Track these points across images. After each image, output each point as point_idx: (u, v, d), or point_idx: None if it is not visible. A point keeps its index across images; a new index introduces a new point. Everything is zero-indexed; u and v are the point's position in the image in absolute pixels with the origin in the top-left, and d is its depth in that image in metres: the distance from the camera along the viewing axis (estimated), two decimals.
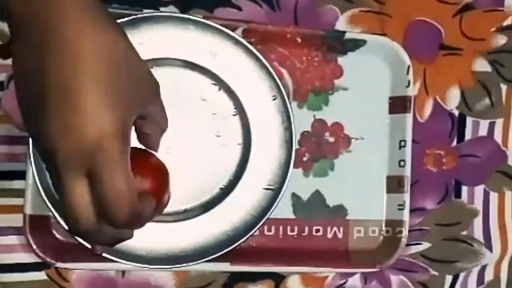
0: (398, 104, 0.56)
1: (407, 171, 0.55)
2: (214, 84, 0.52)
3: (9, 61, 0.50)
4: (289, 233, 0.54)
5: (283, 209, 0.53)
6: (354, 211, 0.55)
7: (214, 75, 0.51)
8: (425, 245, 0.57)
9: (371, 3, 0.56)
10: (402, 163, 0.55)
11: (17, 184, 0.50)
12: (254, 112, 0.52)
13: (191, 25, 0.51)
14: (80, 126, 0.33)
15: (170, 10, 0.53)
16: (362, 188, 0.55)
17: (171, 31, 0.51)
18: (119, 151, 0.33)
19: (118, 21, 0.49)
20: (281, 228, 0.54)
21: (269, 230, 0.53)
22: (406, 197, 0.54)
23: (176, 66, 0.51)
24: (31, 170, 0.48)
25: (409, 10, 0.57)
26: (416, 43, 0.57)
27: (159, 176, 0.46)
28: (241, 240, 0.49)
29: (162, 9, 0.52)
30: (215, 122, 0.52)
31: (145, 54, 0.49)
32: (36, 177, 0.48)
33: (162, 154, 0.49)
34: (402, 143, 0.55)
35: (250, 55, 0.51)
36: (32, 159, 0.48)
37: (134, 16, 0.50)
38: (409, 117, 0.55)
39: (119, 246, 0.48)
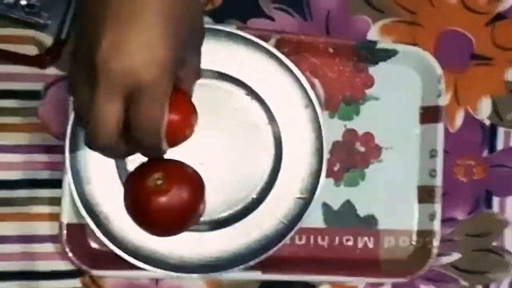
0: (429, 114, 0.56)
1: (438, 181, 0.54)
2: (246, 94, 0.52)
3: (46, 71, 0.52)
4: (320, 242, 0.54)
5: (314, 219, 0.53)
6: (385, 221, 0.55)
7: (246, 86, 0.52)
8: (456, 256, 0.57)
9: (403, 13, 0.56)
10: (433, 173, 0.55)
11: (53, 192, 0.51)
12: (286, 122, 0.52)
13: (223, 37, 0.51)
14: (135, 47, 0.33)
15: (205, 20, 0.53)
16: (393, 198, 0.55)
17: (204, 43, 0.52)
18: (164, 84, 0.34)
19: None
20: (312, 237, 0.54)
21: (300, 239, 0.54)
22: (438, 207, 0.54)
23: (209, 77, 0.52)
24: (68, 179, 0.49)
25: (441, 19, 0.57)
26: (448, 53, 0.57)
27: (195, 186, 0.47)
28: (274, 249, 0.50)
29: None
30: (247, 132, 0.52)
31: None
32: (72, 186, 0.49)
33: (196, 164, 0.50)
34: (433, 153, 0.55)
35: (281, 65, 0.52)
36: (68, 168, 0.49)
37: None
38: (440, 127, 0.55)
39: (153, 254, 0.50)
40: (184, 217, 0.47)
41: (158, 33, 0.33)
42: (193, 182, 0.47)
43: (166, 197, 0.46)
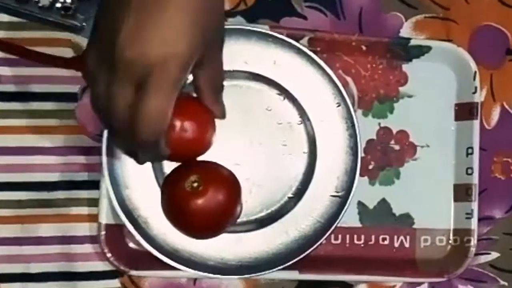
0: (464, 111, 0.55)
1: (475, 179, 0.54)
2: (278, 94, 0.52)
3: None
4: (355, 241, 0.54)
5: (349, 218, 0.53)
6: (421, 219, 0.55)
7: (278, 85, 0.52)
8: (494, 255, 0.56)
9: (436, 9, 0.56)
10: (469, 171, 0.54)
11: (92, 194, 0.51)
12: (319, 120, 0.52)
13: (254, 37, 0.51)
14: (153, 36, 0.33)
15: (238, 20, 0.53)
16: (429, 197, 0.55)
17: (235, 43, 0.52)
18: (175, 77, 0.34)
19: None
20: (347, 236, 0.53)
21: (336, 239, 0.53)
22: (474, 205, 0.53)
23: (241, 78, 0.52)
24: (105, 180, 0.49)
25: (475, 15, 0.56)
26: (482, 49, 0.56)
27: (232, 187, 0.47)
28: (312, 248, 0.50)
29: (229, 20, 0.53)
30: (280, 132, 0.52)
31: None
32: (110, 187, 0.50)
33: (230, 165, 0.50)
34: (469, 151, 0.54)
35: (313, 63, 0.51)
36: (106, 171, 0.49)
37: None
38: (476, 123, 0.54)
39: (192, 256, 0.50)
40: (221, 219, 0.47)
41: (178, 27, 0.34)
42: (229, 183, 0.47)
43: (203, 200, 0.46)
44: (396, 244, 0.54)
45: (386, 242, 0.54)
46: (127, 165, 0.50)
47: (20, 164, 0.51)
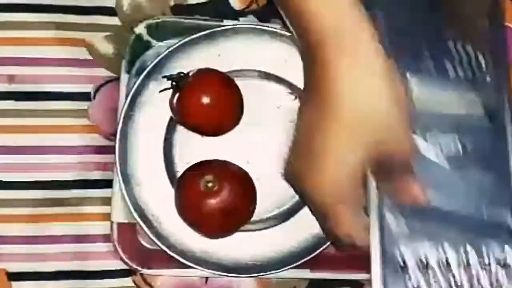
0: None
1: None
2: (290, 92, 0.52)
3: (95, 73, 0.53)
4: None
5: None
6: None
7: (289, 84, 0.52)
8: None
9: None
10: None
11: (105, 192, 0.51)
12: None
13: (266, 36, 0.52)
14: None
15: (250, 19, 0.54)
16: None
17: (247, 42, 0.52)
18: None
19: (198, 34, 0.51)
20: None
21: None
22: None
23: (252, 77, 0.52)
24: (118, 179, 0.50)
25: None
26: None
27: (246, 187, 0.48)
28: (323, 246, 0.50)
29: (241, 19, 0.53)
30: (292, 130, 0.53)
31: (223, 66, 0.51)
32: (123, 186, 0.50)
33: (242, 163, 0.51)
34: None
35: None
36: (118, 168, 0.50)
37: (211, 30, 0.51)
38: None
39: (204, 255, 0.50)
40: (235, 218, 0.47)
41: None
42: (243, 182, 0.48)
43: (218, 199, 0.46)
44: None
45: None
46: (139, 162, 0.51)
47: (33, 163, 0.51)
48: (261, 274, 0.50)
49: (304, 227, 0.51)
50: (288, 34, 0.51)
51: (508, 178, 0.46)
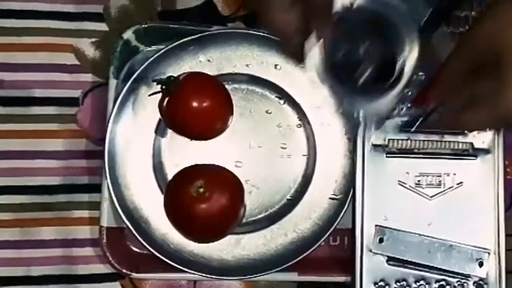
0: None
1: None
2: (278, 97, 0.53)
3: (83, 78, 0.53)
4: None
5: (347, 220, 0.53)
6: None
7: (279, 89, 0.52)
8: None
9: None
10: None
11: (93, 197, 0.51)
12: (319, 124, 0.52)
13: (255, 41, 0.52)
14: None
15: (237, 25, 0.54)
16: None
17: (235, 47, 0.52)
18: None
19: (186, 39, 0.52)
20: (346, 238, 0.53)
21: (335, 241, 0.53)
22: None
23: (242, 81, 0.53)
24: (107, 184, 0.50)
25: None
26: None
27: (235, 191, 0.48)
28: (310, 250, 0.50)
29: (229, 25, 0.54)
30: (280, 134, 0.53)
31: (212, 70, 0.51)
32: (112, 190, 0.50)
33: (231, 167, 0.51)
34: None
35: None
36: (107, 173, 0.50)
37: (200, 34, 0.51)
38: None
39: (193, 257, 0.50)
40: (225, 222, 0.48)
41: None
42: (233, 187, 0.48)
43: (208, 205, 0.46)
44: None
45: None
46: (128, 166, 0.51)
47: (21, 168, 0.51)
48: (249, 276, 0.51)
49: (291, 231, 0.52)
50: (277, 39, 0.52)
51: None
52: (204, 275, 0.50)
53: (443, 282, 0.51)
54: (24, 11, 0.52)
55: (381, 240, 0.50)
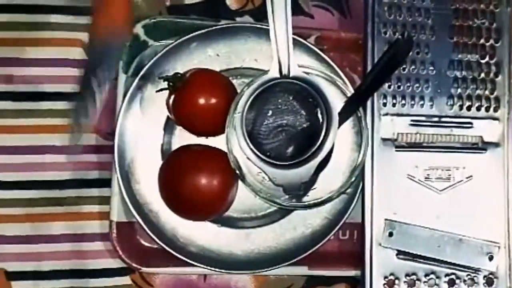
0: None
1: None
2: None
3: None
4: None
5: (357, 214, 0.53)
6: None
7: None
8: None
9: None
10: None
11: (102, 192, 0.52)
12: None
13: (264, 35, 0.52)
14: None
15: (246, 19, 0.54)
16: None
17: (244, 41, 0.53)
18: None
19: (195, 33, 0.52)
20: (355, 232, 0.53)
21: (344, 235, 0.54)
22: None
23: (250, 75, 0.52)
24: (116, 178, 0.50)
25: None
26: None
27: (226, 173, 0.48)
28: (320, 244, 0.50)
29: (237, 19, 0.54)
30: None
31: (220, 65, 0.52)
32: (121, 185, 0.50)
33: None
34: None
35: (320, 61, 0.52)
36: (117, 167, 0.50)
37: (208, 29, 0.52)
38: None
39: (202, 251, 0.51)
40: (215, 201, 0.48)
41: None
42: (224, 168, 0.48)
43: (198, 181, 0.46)
44: None
45: None
46: (137, 160, 0.51)
47: (31, 163, 0.52)
48: (259, 270, 0.51)
49: (301, 225, 0.52)
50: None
51: None
52: (213, 269, 0.50)
53: (453, 276, 0.51)
54: (33, 6, 0.52)
55: (390, 234, 0.51)
